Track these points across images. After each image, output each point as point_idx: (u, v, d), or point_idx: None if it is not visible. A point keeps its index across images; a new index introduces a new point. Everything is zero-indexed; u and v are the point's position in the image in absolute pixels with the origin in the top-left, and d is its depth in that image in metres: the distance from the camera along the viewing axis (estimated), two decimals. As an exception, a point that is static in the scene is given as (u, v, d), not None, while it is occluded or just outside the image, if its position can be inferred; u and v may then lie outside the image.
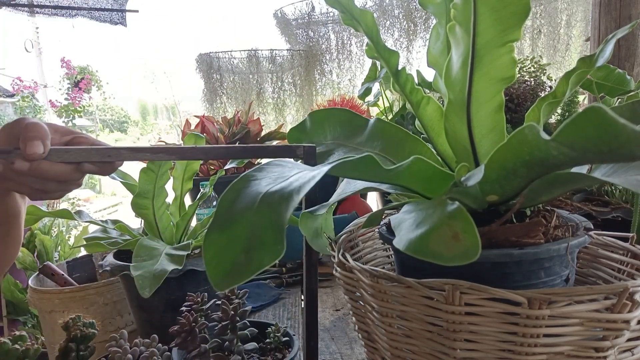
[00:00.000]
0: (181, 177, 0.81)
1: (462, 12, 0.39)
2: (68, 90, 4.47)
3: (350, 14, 0.49)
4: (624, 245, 0.49)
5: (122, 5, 4.08)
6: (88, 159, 0.46)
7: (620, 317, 0.34)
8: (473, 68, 0.41)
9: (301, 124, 0.56)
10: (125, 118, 18.91)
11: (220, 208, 0.30)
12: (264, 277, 1.06)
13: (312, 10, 3.62)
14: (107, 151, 0.46)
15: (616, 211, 0.73)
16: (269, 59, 3.64)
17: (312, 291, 0.53)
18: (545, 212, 0.44)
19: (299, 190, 0.28)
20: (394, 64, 0.50)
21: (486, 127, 0.44)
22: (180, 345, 0.54)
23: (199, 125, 1.47)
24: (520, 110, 1.02)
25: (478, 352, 0.37)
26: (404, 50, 3.53)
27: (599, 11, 1.55)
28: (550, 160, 0.30)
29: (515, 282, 0.39)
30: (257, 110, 3.65)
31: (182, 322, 0.54)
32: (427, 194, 0.44)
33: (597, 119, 0.23)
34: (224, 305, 0.57)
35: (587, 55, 0.44)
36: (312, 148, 0.50)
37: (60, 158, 0.44)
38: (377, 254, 0.61)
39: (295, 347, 0.60)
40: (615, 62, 1.48)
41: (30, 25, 6.42)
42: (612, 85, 0.71)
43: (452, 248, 0.28)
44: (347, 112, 0.55)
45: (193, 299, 0.58)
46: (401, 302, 0.40)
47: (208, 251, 0.28)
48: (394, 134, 0.52)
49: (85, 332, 0.59)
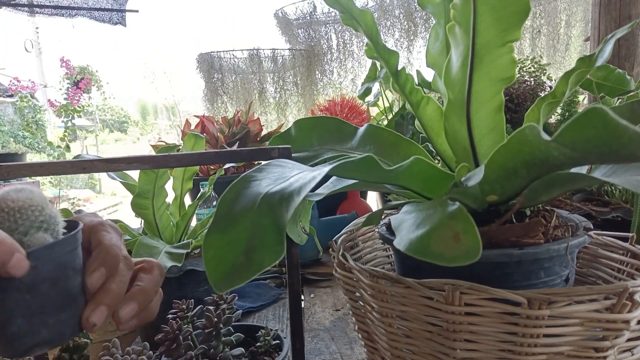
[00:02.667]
0: (181, 177, 0.81)
1: (461, 12, 0.39)
2: (67, 90, 4.47)
3: (350, 14, 0.49)
4: (624, 245, 0.49)
5: (122, 5, 4.09)
6: (63, 172, 0.47)
7: (620, 317, 0.34)
8: (473, 68, 0.41)
9: (286, 132, 0.55)
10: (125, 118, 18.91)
11: (220, 209, 0.30)
12: (264, 277, 1.06)
13: (313, 10, 3.62)
14: (82, 164, 0.47)
15: (616, 211, 0.73)
16: (270, 58, 3.64)
17: (296, 293, 0.53)
18: (545, 212, 0.44)
19: (299, 191, 0.28)
20: (394, 64, 0.50)
21: (486, 127, 0.44)
22: (166, 354, 0.54)
23: (198, 125, 1.47)
24: (520, 110, 1.02)
25: (478, 352, 0.37)
26: (405, 50, 3.53)
27: (599, 11, 1.55)
28: (551, 160, 0.30)
29: (515, 282, 0.39)
30: (259, 110, 3.65)
31: (166, 330, 0.54)
32: (427, 194, 0.44)
33: (599, 120, 0.22)
34: (208, 312, 0.57)
35: (586, 55, 0.44)
36: (286, 149, 0.49)
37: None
38: (377, 254, 0.61)
39: (284, 349, 0.60)
40: (615, 62, 1.48)
41: (30, 25, 6.42)
42: (612, 85, 0.71)
43: (452, 248, 0.29)
44: (336, 120, 0.54)
45: (178, 306, 0.58)
46: (401, 302, 0.40)
47: (208, 252, 0.28)
48: (386, 137, 0.52)
49: (77, 342, 0.60)
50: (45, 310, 0.29)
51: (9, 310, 0.28)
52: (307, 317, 0.85)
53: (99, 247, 0.32)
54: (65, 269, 0.30)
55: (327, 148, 0.53)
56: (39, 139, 4.67)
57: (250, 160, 0.50)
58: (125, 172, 0.81)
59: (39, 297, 0.28)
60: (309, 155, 0.53)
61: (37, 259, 0.28)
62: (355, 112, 1.52)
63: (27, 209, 0.29)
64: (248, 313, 0.90)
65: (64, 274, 0.30)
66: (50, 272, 0.29)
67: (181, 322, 0.57)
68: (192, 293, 0.76)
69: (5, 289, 0.27)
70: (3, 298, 0.28)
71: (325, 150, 0.53)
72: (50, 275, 0.29)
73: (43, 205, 0.30)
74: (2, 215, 0.28)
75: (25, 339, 0.28)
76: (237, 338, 0.59)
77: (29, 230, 0.29)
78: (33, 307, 0.28)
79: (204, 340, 0.56)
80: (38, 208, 0.29)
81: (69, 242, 0.30)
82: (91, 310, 0.30)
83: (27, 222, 0.29)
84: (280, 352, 0.60)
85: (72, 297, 0.30)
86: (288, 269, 0.52)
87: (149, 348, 0.58)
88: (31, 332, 0.29)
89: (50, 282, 0.29)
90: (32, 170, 0.45)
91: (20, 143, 4.69)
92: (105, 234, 0.33)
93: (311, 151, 0.53)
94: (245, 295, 0.96)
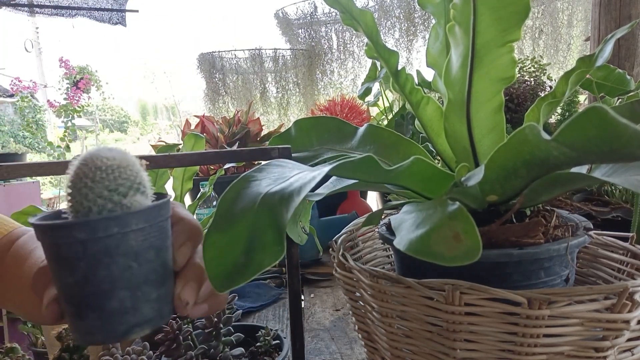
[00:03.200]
0: (181, 177, 0.81)
1: (461, 12, 0.39)
2: (67, 90, 4.47)
3: (350, 14, 0.49)
4: (624, 245, 0.49)
5: (122, 5, 4.09)
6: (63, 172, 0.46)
7: (620, 317, 0.34)
8: (473, 68, 0.41)
9: (286, 132, 0.55)
10: (125, 118, 18.90)
11: (220, 209, 0.30)
12: (264, 277, 1.06)
13: (314, 11, 3.63)
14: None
15: (616, 211, 0.73)
16: (272, 58, 3.64)
17: (296, 293, 0.53)
18: (545, 212, 0.44)
19: (299, 191, 0.28)
20: (394, 64, 0.50)
21: (486, 127, 0.44)
22: (166, 354, 0.54)
23: (198, 125, 1.47)
24: (520, 110, 1.02)
25: (478, 352, 0.37)
26: (405, 50, 3.53)
27: (599, 11, 1.55)
28: (551, 160, 0.30)
29: (515, 282, 0.39)
30: (260, 109, 3.65)
31: (167, 330, 0.54)
32: (427, 194, 0.44)
33: (599, 119, 0.22)
34: None
35: (586, 55, 0.44)
36: (286, 149, 0.49)
37: None
38: (377, 254, 0.61)
39: (284, 349, 0.60)
40: (615, 62, 1.48)
41: (30, 25, 6.42)
42: (612, 85, 0.71)
43: (453, 248, 0.28)
44: (336, 120, 0.54)
45: None
46: (401, 302, 0.40)
47: (208, 252, 0.28)
48: (386, 137, 0.52)
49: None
50: (149, 282, 0.26)
51: (113, 280, 0.25)
52: (307, 317, 0.85)
53: (181, 222, 0.30)
54: (166, 237, 0.28)
55: (327, 148, 0.53)
56: (39, 139, 4.67)
57: (250, 160, 0.50)
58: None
59: (145, 266, 0.26)
60: (309, 155, 0.53)
61: (146, 220, 0.26)
62: (355, 112, 1.52)
63: (126, 168, 0.26)
64: (248, 313, 0.90)
65: (165, 243, 0.27)
66: (155, 237, 0.26)
67: (181, 322, 0.57)
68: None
69: (111, 253, 0.24)
70: (108, 264, 0.25)
71: (325, 150, 0.53)
72: (155, 243, 0.26)
73: (137, 165, 0.28)
74: (99, 174, 0.25)
75: (126, 317, 0.25)
76: (237, 338, 0.59)
77: (128, 191, 0.26)
78: (138, 277, 0.25)
79: (204, 340, 0.56)
80: (134, 168, 0.27)
81: (167, 206, 0.28)
82: (182, 287, 0.28)
83: (127, 182, 0.26)
84: (280, 352, 0.60)
85: (169, 270, 0.28)
86: (288, 269, 0.52)
87: (149, 348, 0.58)
88: (133, 308, 0.25)
89: (155, 251, 0.26)
90: (32, 170, 0.45)
91: (20, 143, 4.69)
92: (182, 210, 0.31)
93: (311, 151, 0.53)
94: (245, 295, 0.96)
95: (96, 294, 0.25)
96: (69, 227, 0.24)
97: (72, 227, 0.24)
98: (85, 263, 0.24)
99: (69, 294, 0.25)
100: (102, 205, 0.25)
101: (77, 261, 0.24)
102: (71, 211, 0.26)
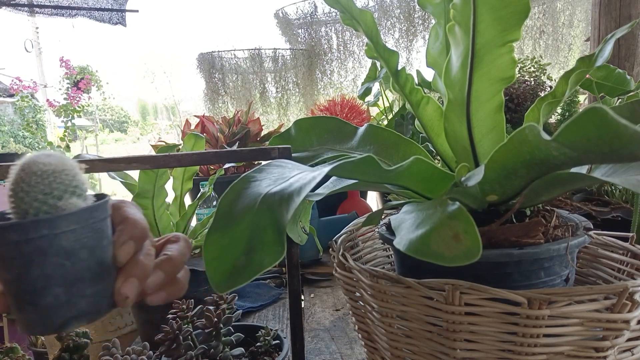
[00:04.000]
0: (181, 177, 0.81)
1: (461, 12, 0.39)
2: (67, 90, 4.47)
3: (350, 14, 0.49)
4: (624, 245, 0.49)
5: (122, 5, 4.09)
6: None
7: (620, 317, 0.34)
8: (473, 68, 0.41)
9: (286, 132, 0.55)
10: (125, 118, 18.90)
11: (220, 209, 0.30)
12: (264, 277, 1.06)
13: (314, 11, 3.62)
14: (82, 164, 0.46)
15: (616, 211, 0.73)
16: (272, 58, 3.64)
17: (296, 293, 0.53)
18: (545, 212, 0.44)
19: (299, 191, 0.28)
20: (394, 64, 0.50)
21: (486, 127, 0.44)
22: (166, 354, 0.54)
23: (198, 125, 1.47)
24: (520, 110, 1.02)
25: (478, 352, 0.38)
26: (405, 50, 3.53)
27: (599, 11, 1.55)
28: (551, 160, 0.30)
29: (515, 282, 0.39)
30: (260, 109, 3.65)
31: (167, 330, 0.54)
32: (427, 194, 0.44)
33: (599, 119, 0.22)
34: (208, 312, 0.57)
35: (586, 55, 0.44)
36: (286, 149, 0.49)
37: None
38: (377, 254, 0.61)
39: (284, 349, 0.60)
40: (615, 62, 1.48)
41: (30, 25, 6.42)
42: (612, 85, 0.71)
43: (453, 248, 0.29)
44: (336, 120, 0.54)
45: (178, 306, 0.58)
46: (401, 302, 0.40)
47: (208, 252, 0.28)
48: (387, 137, 0.52)
49: (78, 342, 0.59)
50: (84, 279, 0.28)
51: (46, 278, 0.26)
52: (307, 317, 0.85)
53: (125, 221, 0.31)
54: (101, 238, 0.29)
55: (327, 148, 0.53)
56: (39, 139, 4.67)
57: (250, 160, 0.50)
58: (125, 172, 0.81)
59: (78, 265, 0.27)
60: (309, 155, 0.53)
61: (77, 222, 0.27)
62: (355, 112, 1.52)
63: (61, 172, 0.28)
64: (248, 313, 0.90)
65: (100, 243, 0.29)
66: (88, 238, 0.28)
67: (181, 322, 0.57)
68: (192, 293, 0.75)
69: (45, 253, 0.26)
70: (41, 263, 0.26)
71: (325, 150, 0.53)
72: (88, 242, 0.28)
73: (75, 169, 0.29)
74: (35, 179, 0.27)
75: (61, 311, 0.27)
76: (237, 338, 0.59)
77: (63, 194, 0.28)
78: (72, 274, 0.27)
79: (204, 340, 0.56)
80: (71, 172, 0.29)
81: (103, 208, 0.29)
82: (122, 282, 0.29)
83: (61, 186, 0.28)
84: (280, 352, 0.60)
85: (107, 268, 0.29)
86: (288, 269, 0.52)
87: (149, 348, 0.58)
88: (68, 302, 0.27)
89: (89, 250, 0.28)
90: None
91: (20, 143, 4.69)
92: (128, 210, 0.32)
93: (311, 151, 0.53)
94: (245, 295, 0.96)
95: (31, 291, 0.27)
96: (2, 229, 0.26)
97: (5, 229, 0.26)
98: (19, 262, 0.26)
99: (9, 289, 0.27)
100: (38, 208, 0.27)
101: (12, 260, 0.26)
102: (13, 213, 0.28)
